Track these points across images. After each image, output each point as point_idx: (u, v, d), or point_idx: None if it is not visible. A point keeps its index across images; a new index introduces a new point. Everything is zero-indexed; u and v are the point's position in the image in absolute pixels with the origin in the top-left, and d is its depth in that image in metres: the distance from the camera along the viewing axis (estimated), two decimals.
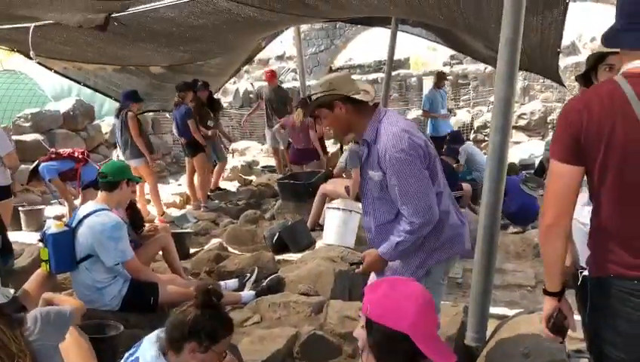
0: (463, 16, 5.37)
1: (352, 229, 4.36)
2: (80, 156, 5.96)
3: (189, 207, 7.76)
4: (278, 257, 4.71)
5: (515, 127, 11.71)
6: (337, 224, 4.34)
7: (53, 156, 5.94)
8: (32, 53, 6.21)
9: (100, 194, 3.61)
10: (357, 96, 2.46)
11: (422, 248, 2.47)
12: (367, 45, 22.15)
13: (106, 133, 10.47)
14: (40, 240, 3.46)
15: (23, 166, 6.22)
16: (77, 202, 6.66)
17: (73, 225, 3.44)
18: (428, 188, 2.36)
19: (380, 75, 16.07)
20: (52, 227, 3.40)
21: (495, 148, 2.80)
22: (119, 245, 3.39)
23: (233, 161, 10.32)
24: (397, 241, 2.41)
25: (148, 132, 9.09)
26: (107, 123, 10.69)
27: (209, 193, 7.78)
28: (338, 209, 4.37)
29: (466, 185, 6.31)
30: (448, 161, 6.48)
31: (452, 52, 19.28)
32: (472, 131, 11.76)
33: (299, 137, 7.79)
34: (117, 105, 7.54)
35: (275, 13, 5.60)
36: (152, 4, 5.01)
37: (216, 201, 7.67)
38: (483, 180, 7.31)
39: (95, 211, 3.44)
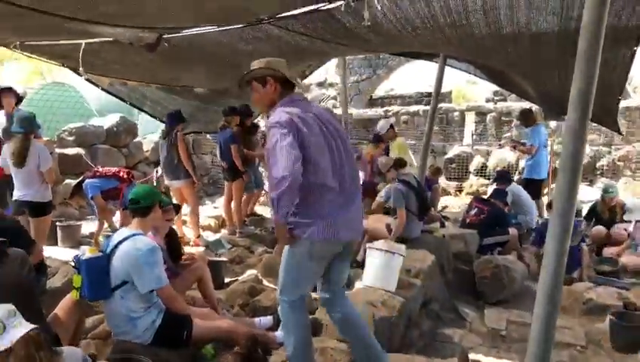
0: (520, 57, 5.20)
1: (394, 272, 4.15)
2: (125, 176, 5.93)
3: (223, 231, 7.68)
4: (314, 295, 4.53)
5: None
6: (379, 266, 4.14)
7: (98, 173, 5.91)
8: (81, 69, 6.28)
9: (134, 219, 3.52)
10: (292, 80, 2.89)
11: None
12: (408, 76, 22.09)
13: (147, 151, 10.54)
14: (74, 266, 3.35)
15: (67, 181, 6.26)
16: (115, 219, 6.66)
17: (108, 250, 3.34)
18: (292, 153, 2.62)
19: (422, 108, 15.90)
20: (86, 253, 3.30)
21: (561, 210, 2.57)
22: (154, 270, 3.26)
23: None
24: (271, 198, 2.69)
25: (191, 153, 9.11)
26: (149, 140, 10.78)
27: (245, 218, 7.68)
28: (380, 250, 4.17)
29: (512, 230, 6.03)
30: (497, 204, 6.21)
31: (494, 86, 18.99)
32: (517, 172, 11.39)
33: (365, 170, 7.86)
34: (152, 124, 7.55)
35: (326, 43, 5.53)
36: (204, 28, 4.99)
37: (252, 227, 7.57)
38: (528, 224, 6.99)
39: (130, 236, 3.34)
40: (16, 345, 2.00)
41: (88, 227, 7.07)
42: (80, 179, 6.01)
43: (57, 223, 6.54)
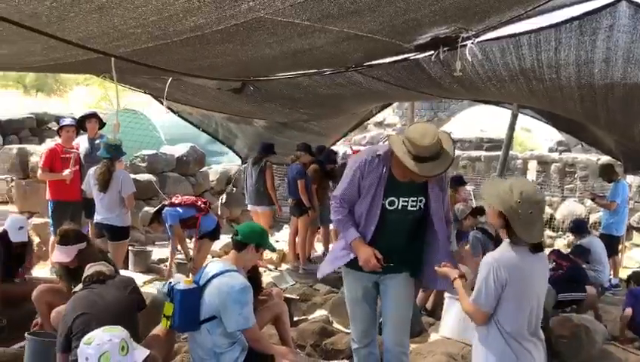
0: (608, 110, 5.10)
1: (474, 324, 4.05)
2: (202, 205, 6.06)
3: (285, 266, 7.69)
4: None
5: (637, 229, 10.84)
6: (459, 317, 4.06)
7: (177, 202, 6.06)
8: (165, 102, 6.55)
9: (231, 252, 3.57)
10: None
11: None
12: (469, 121, 21.89)
13: (213, 181, 10.78)
14: (167, 294, 3.41)
15: (146, 208, 6.44)
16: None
17: (201, 283, 3.38)
18: None
19: (483, 153, 15.68)
20: (181, 283, 3.35)
21: None
22: (244, 310, 3.27)
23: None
24: None
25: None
26: (214, 170, 11.03)
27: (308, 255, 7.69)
28: None
29: (590, 288, 5.72)
30: (577, 260, 5.94)
31: (552, 135, 18.40)
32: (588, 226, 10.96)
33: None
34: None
35: (406, 90, 5.58)
36: (292, 72, 5.12)
37: (315, 265, 7.55)
38: (599, 281, 6.64)
39: (225, 271, 3.37)
40: None
41: (158, 253, 7.25)
42: (159, 206, 6.17)
43: (129, 248, 6.70)
